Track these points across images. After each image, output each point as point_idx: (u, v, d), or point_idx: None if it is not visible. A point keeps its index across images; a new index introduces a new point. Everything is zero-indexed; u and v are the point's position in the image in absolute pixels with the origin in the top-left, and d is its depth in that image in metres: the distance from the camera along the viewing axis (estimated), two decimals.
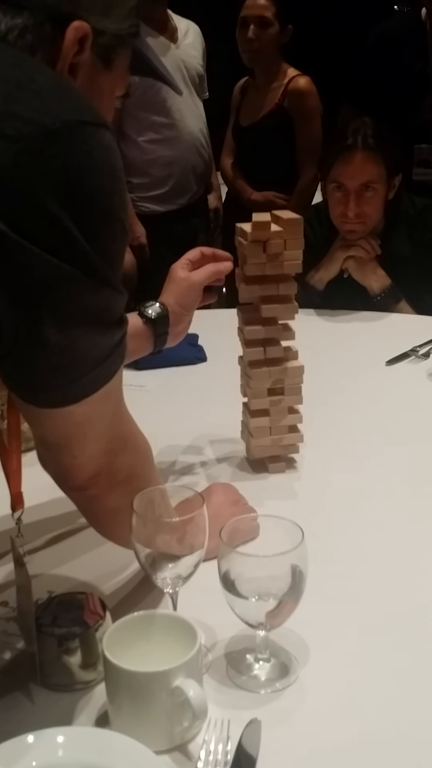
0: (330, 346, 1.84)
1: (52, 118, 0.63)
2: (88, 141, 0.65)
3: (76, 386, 0.72)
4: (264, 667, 0.86)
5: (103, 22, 0.78)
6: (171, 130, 2.84)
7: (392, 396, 1.58)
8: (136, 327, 1.15)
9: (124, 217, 0.70)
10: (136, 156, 2.83)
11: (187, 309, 1.21)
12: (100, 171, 0.66)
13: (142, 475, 0.86)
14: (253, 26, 2.76)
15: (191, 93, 2.90)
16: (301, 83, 2.85)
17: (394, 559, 1.06)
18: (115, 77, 0.83)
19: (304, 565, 0.81)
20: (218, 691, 0.84)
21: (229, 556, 0.81)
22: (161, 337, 1.19)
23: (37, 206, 0.63)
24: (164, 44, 2.81)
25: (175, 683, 0.73)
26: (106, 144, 0.67)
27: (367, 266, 2.03)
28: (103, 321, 0.71)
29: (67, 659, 0.83)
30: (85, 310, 0.68)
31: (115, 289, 0.71)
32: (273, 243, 1.17)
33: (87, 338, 0.70)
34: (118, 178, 0.68)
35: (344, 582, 1.01)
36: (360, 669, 0.87)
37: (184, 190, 2.94)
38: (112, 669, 0.75)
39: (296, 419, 1.28)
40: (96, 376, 0.73)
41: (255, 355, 1.24)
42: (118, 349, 0.74)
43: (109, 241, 0.68)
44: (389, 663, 0.87)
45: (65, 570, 1.05)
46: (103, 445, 0.79)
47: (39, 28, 0.73)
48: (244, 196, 2.97)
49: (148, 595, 0.97)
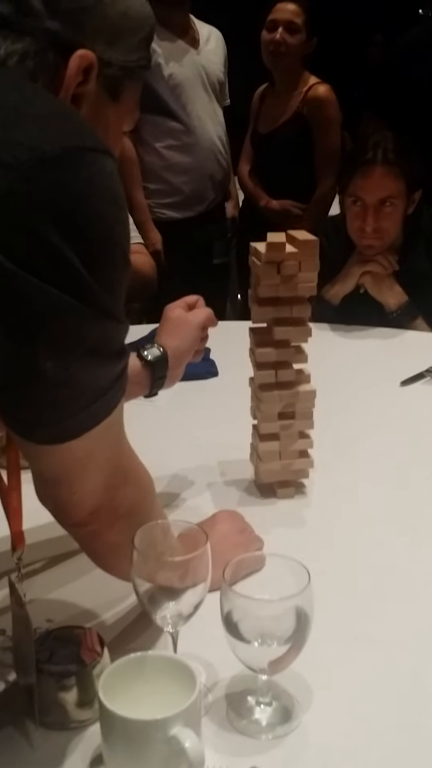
0: (343, 363, 1.81)
1: (51, 145, 0.61)
2: (89, 168, 0.63)
3: (75, 421, 0.69)
4: (265, 710, 0.83)
5: (110, 53, 0.76)
6: (189, 137, 2.80)
7: (406, 419, 1.54)
8: (134, 369, 1.12)
9: (125, 245, 0.67)
10: (154, 162, 2.81)
11: (184, 353, 1.20)
12: (101, 199, 0.64)
13: (143, 509, 0.84)
14: (282, 29, 2.76)
15: (211, 99, 2.87)
16: (321, 91, 2.84)
17: (405, 596, 1.02)
18: (122, 111, 0.81)
19: (309, 608, 0.79)
20: (217, 736, 0.81)
21: (232, 597, 0.78)
22: (159, 381, 1.17)
23: (35, 235, 0.60)
24: (184, 49, 2.78)
25: (171, 732, 0.70)
26: (108, 171, 0.65)
27: (383, 282, 1.99)
28: (103, 353, 0.69)
29: (63, 697, 0.81)
30: (85, 342, 0.66)
31: (116, 319, 0.68)
32: (287, 264, 1.14)
33: (87, 371, 0.67)
34: (119, 206, 0.66)
35: (351, 621, 0.97)
36: (365, 715, 0.83)
37: (202, 197, 2.91)
38: (108, 714, 0.72)
39: (307, 444, 1.25)
40: (96, 410, 0.70)
41: (266, 378, 1.21)
42: (119, 382, 0.72)
43: (111, 270, 0.66)
44: (396, 709, 0.84)
45: (63, 595, 1.03)
46: (104, 479, 0.76)
47: (41, 54, 0.71)
48: (261, 203, 2.95)
49: (148, 628, 0.94)
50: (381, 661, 0.91)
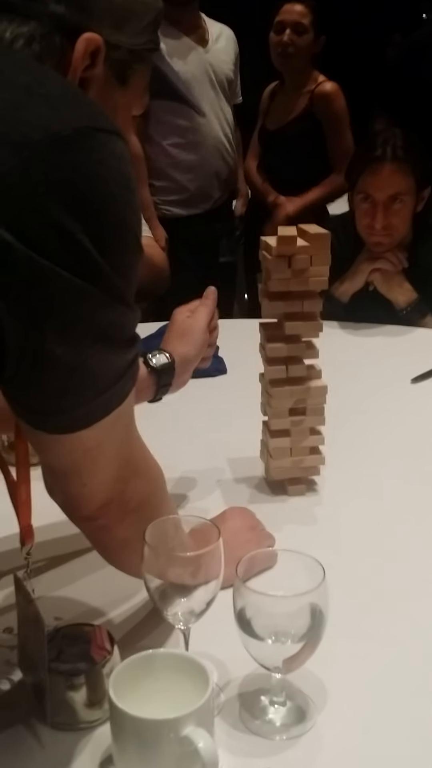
0: (353, 361, 1.79)
1: (63, 125, 0.60)
2: (100, 149, 0.61)
3: (86, 409, 0.67)
4: (279, 711, 0.81)
5: (117, 36, 0.74)
6: (195, 135, 2.83)
7: (417, 416, 1.52)
8: (140, 375, 1.11)
9: (137, 230, 0.66)
10: (160, 159, 2.83)
11: (191, 360, 1.17)
12: (112, 180, 0.62)
13: (154, 503, 0.82)
14: (289, 31, 2.76)
15: (218, 98, 2.88)
16: (327, 87, 2.84)
17: (420, 593, 1.00)
18: (131, 95, 0.80)
19: (324, 605, 0.77)
20: (230, 736, 0.79)
21: (245, 593, 0.76)
22: (164, 387, 1.15)
23: (46, 216, 0.59)
24: (191, 47, 2.79)
25: (184, 732, 0.69)
26: (120, 153, 0.63)
27: (393, 279, 1.97)
28: (115, 339, 0.67)
29: (72, 696, 0.79)
30: (98, 328, 0.64)
31: (128, 305, 0.66)
32: (299, 258, 1.12)
33: (99, 357, 0.66)
34: (131, 189, 0.64)
35: (365, 618, 0.95)
36: (381, 715, 0.81)
37: (207, 194, 2.93)
38: (118, 713, 0.70)
39: (318, 440, 1.23)
40: (108, 399, 0.69)
41: (277, 373, 1.19)
42: (130, 370, 0.70)
43: (123, 254, 0.64)
44: (411, 709, 0.82)
45: (72, 593, 1.01)
46: (114, 471, 0.75)
47: (47, 38, 0.70)
48: (269, 199, 2.93)
49: (159, 626, 0.92)
50: (396, 660, 0.89)
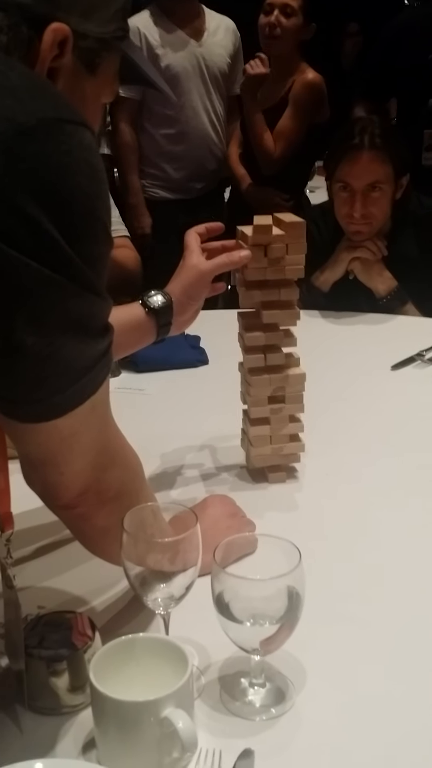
0: (333, 349, 1.81)
1: (27, 116, 0.60)
2: (67, 140, 0.62)
3: (60, 398, 0.68)
4: (259, 692, 0.83)
5: (85, 25, 0.74)
6: (181, 126, 2.90)
7: (397, 402, 1.54)
8: (139, 317, 1.13)
9: (106, 220, 0.66)
10: (150, 147, 2.94)
11: (193, 299, 1.17)
12: (80, 171, 0.62)
13: (132, 491, 0.83)
14: (277, 12, 2.73)
15: (209, 91, 2.93)
16: (310, 76, 2.79)
17: (397, 578, 1.02)
18: (100, 83, 0.80)
19: (301, 587, 0.78)
20: (210, 718, 0.80)
21: (222, 577, 0.77)
22: (164, 327, 1.16)
23: (13, 208, 0.59)
24: (184, 40, 2.85)
25: (164, 713, 0.70)
26: (87, 143, 0.64)
27: (373, 268, 1.99)
28: (87, 329, 0.68)
29: (54, 682, 0.80)
30: (68, 317, 0.65)
31: (99, 295, 0.67)
32: (274, 247, 1.13)
33: (71, 347, 0.66)
34: (99, 179, 0.65)
35: (344, 602, 0.97)
36: (358, 695, 0.83)
37: (191, 185, 3.00)
38: (99, 696, 0.72)
39: (298, 428, 1.24)
40: (81, 388, 0.69)
41: (255, 362, 1.20)
42: (104, 359, 0.71)
43: (92, 244, 0.65)
44: (389, 689, 0.84)
45: (55, 582, 1.02)
46: (91, 459, 0.76)
47: (14, 28, 0.70)
48: (242, 187, 2.93)
49: (140, 612, 0.94)
50: (373, 642, 0.90)
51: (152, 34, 2.83)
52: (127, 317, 1.11)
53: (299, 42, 2.79)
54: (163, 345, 1.78)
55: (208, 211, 3.02)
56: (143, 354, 1.72)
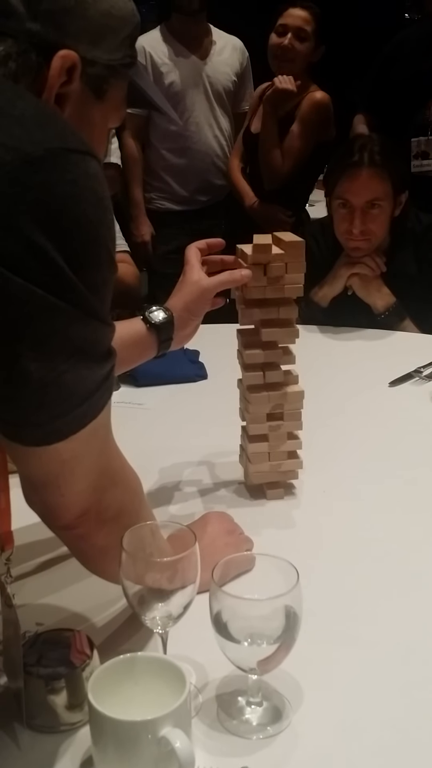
0: (332, 364, 1.82)
1: (34, 146, 0.61)
2: (73, 169, 0.63)
3: (62, 423, 0.69)
4: (256, 711, 0.83)
5: (93, 52, 0.76)
6: (186, 141, 3.00)
7: (395, 419, 1.55)
8: (140, 333, 1.14)
9: (111, 247, 0.68)
10: (155, 162, 3.04)
11: (194, 315, 1.18)
12: (85, 200, 0.64)
13: (132, 511, 0.84)
14: (291, 35, 2.74)
15: (212, 108, 3.02)
16: (318, 96, 2.81)
17: (396, 596, 1.02)
18: (107, 109, 0.81)
19: (298, 607, 0.79)
20: (208, 736, 0.81)
21: (220, 597, 0.78)
22: (165, 342, 1.17)
23: (19, 236, 0.60)
24: (189, 59, 2.95)
25: (161, 732, 0.70)
26: (93, 172, 0.65)
27: (371, 284, 2.00)
28: (91, 354, 0.69)
29: (53, 700, 0.81)
30: (72, 344, 0.66)
31: (102, 321, 0.68)
32: (274, 266, 1.14)
33: (73, 372, 0.67)
34: (104, 207, 0.66)
35: (341, 621, 0.98)
36: (355, 714, 0.83)
37: (194, 198, 3.09)
38: (97, 715, 0.72)
39: (296, 445, 1.25)
40: (83, 412, 0.70)
41: (254, 379, 1.21)
42: (106, 383, 0.72)
43: (96, 271, 0.66)
44: (386, 709, 0.84)
45: (54, 599, 1.02)
46: (91, 481, 0.76)
47: (23, 56, 0.71)
48: (245, 203, 2.95)
49: (138, 631, 0.94)
50: (371, 661, 0.91)
51: (157, 53, 2.93)
52: (128, 333, 1.12)
53: (308, 64, 2.82)
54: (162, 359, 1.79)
55: (213, 220, 3.08)
56: (142, 368, 1.73)
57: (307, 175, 2.92)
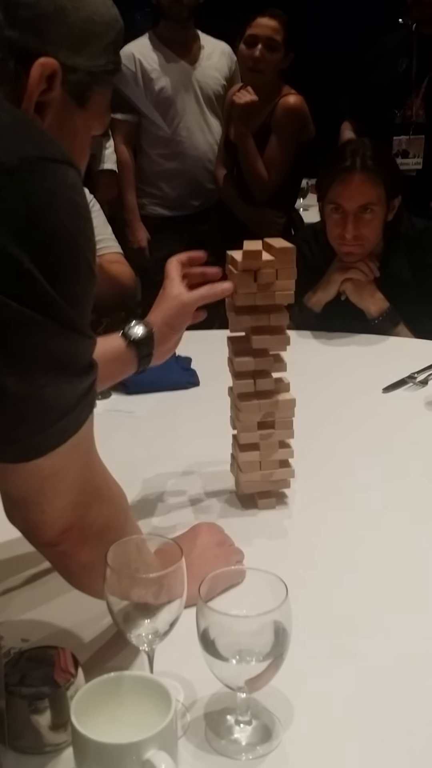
0: (325, 370, 1.80)
1: (9, 155, 0.59)
2: (50, 179, 0.61)
3: (41, 438, 0.67)
4: (245, 730, 0.81)
5: (74, 59, 0.74)
6: (177, 146, 3.00)
7: (388, 426, 1.53)
8: (119, 349, 1.12)
9: (90, 257, 0.66)
10: (147, 167, 3.04)
11: (175, 330, 1.16)
12: (62, 209, 0.62)
13: (116, 526, 0.82)
14: (261, 46, 2.69)
15: (203, 111, 3.02)
16: (291, 100, 2.79)
17: (389, 608, 1.00)
18: (90, 116, 0.79)
19: (288, 623, 0.77)
20: (195, 757, 0.79)
21: (207, 613, 0.76)
22: (145, 358, 1.15)
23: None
24: (179, 64, 2.95)
25: (146, 756, 0.68)
26: (70, 182, 0.63)
27: (365, 289, 1.98)
28: (70, 368, 0.67)
29: (36, 720, 0.78)
30: (50, 357, 0.64)
31: (82, 333, 0.66)
32: (264, 273, 1.13)
33: (52, 387, 0.65)
34: (83, 216, 0.64)
35: (333, 634, 0.95)
36: (348, 733, 0.81)
37: (187, 202, 3.09)
38: (80, 737, 0.70)
39: (287, 454, 1.23)
40: (63, 427, 0.68)
41: (245, 387, 1.19)
42: (87, 398, 0.70)
43: (74, 283, 0.64)
44: (380, 726, 0.82)
45: (39, 614, 1.00)
46: (74, 497, 0.74)
47: (1, 64, 0.70)
48: (235, 210, 2.93)
49: (125, 647, 0.92)
50: (364, 676, 0.89)
51: (147, 59, 2.95)
52: (108, 348, 1.09)
53: (279, 71, 2.79)
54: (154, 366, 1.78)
55: (207, 225, 3.06)
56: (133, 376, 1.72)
57: (293, 175, 2.91)
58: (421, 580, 1.06)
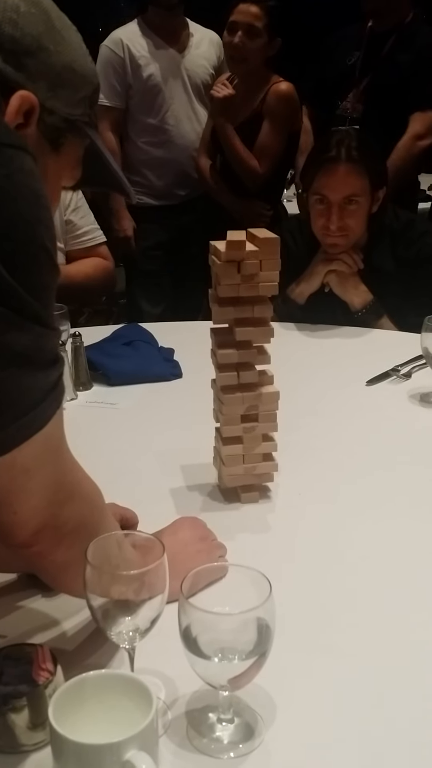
0: (308, 363, 1.79)
1: None
2: (7, 165, 0.60)
3: (2, 434, 0.65)
4: (227, 728, 0.80)
5: (52, 101, 0.75)
6: (165, 134, 2.97)
7: (372, 419, 1.52)
8: None
9: (51, 246, 0.64)
10: (134, 156, 3.01)
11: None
12: (21, 197, 0.61)
13: (91, 523, 0.79)
14: (241, 33, 2.66)
15: (191, 100, 2.99)
16: (282, 88, 2.76)
17: (373, 603, 0.99)
18: (62, 164, 0.80)
19: (271, 620, 0.75)
20: (176, 756, 0.77)
21: (189, 611, 0.75)
22: None
23: None
24: (167, 52, 2.91)
25: (126, 756, 0.67)
26: (28, 168, 0.62)
27: (348, 281, 1.97)
28: (33, 362, 0.65)
29: (13, 719, 0.77)
30: (10, 351, 0.63)
31: (45, 325, 0.65)
32: (248, 263, 1.11)
33: (14, 381, 0.64)
34: (41, 205, 0.63)
35: (316, 629, 0.94)
36: (331, 730, 0.80)
37: (173, 192, 3.05)
38: (58, 738, 0.68)
39: (271, 447, 1.22)
40: (27, 423, 0.66)
41: (228, 380, 1.18)
42: (53, 393, 0.68)
43: (36, 273, 0.63)
44: (363, 723, 0.81)
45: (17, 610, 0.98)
46: (46, 496, 0.72)
47: None
48: (222, 201, 2.91)
49: (104, 645, 0.90)
50: (348, 672, 0.88)
51: (135, 46, 2.91)
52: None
53: (265, 58, 2.74)
54: (136, 358, 1.77)
55: (193, 214, 3.04)
56: (116, 367, 1.70)
57: (281, 167, 2.88)
58: (406, 574, 1.05)
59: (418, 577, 1.04)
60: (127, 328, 1.92)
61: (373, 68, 2.70)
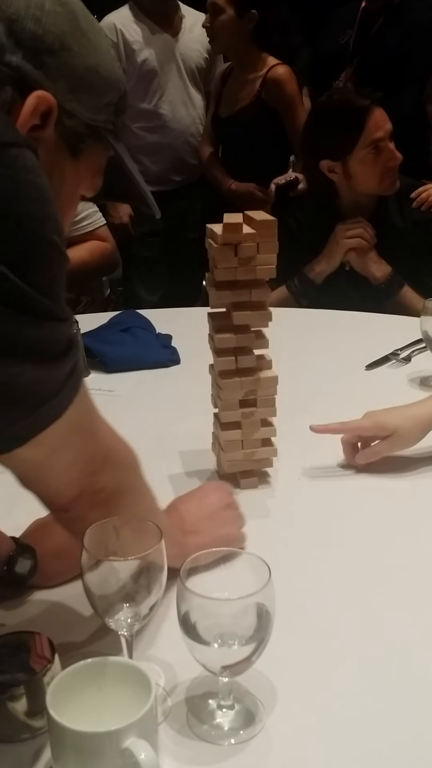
0: (306, 348, 1.77)
1: None
2: (11, 165, 0.59)
3: (21, 427, 0.65)
4: (227, 714, 0.79)
5: (73, 104, 0.72)
6: (159, 119, 2.95)
7: (372, 403, 1.49)
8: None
9: (58, 240, 0.63)
10: (128, 141, 2.90)
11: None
12: (27, 196, 0.59)
13: (127, 488, 0.82)
14: (208, 14, 2.69)
15: (186, 85, 2.97)
16: (279, 72, 2.75)
17: (370, 589, 0.99)
18: (81, 170, 0.77)
19: (271, 605, 0.75)
20: (176, 743, 0.77)
21: (188, 596, 0.74)
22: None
23: None
24: (161, 36, 2.90)
25: (125, 744, 0.66)
26: (32, 165, 0.60)
27: (367, 255, 1.98)
28: (46, 355, 0.64)
29: (11, 708, 0.76)
30: (23, 348, 0.62)
31: (57, 319, 0.64)
32: (245, 246, 1.09)
33: (28, 376, 0.63)
34: (46, 199, 0.61)
35: (317, 616, 0.94)
36: (332, 715, 0.80)
37: (171, 177, 3.04)
38: (56, 726, 0.67)
39: (270, 432, 1.21)
40: (44, 415, 0.66)
41: (226, 364, 1.16)
42: (70, 381, 0.68)
43: (45, 271, 0.62)
44: (364, 707, 0.80)
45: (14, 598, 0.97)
46: (79, 468, 0.75)
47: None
48: (223, 187, 2.90)
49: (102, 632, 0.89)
50: (348, 657, 0.87)
51: (129, 31, 2.89)
52: None
53: (246, 34, 2.70)
54: (134, 344, 1.75)
55: (189, 200, 3.03)
56: (113, 354, 1.69)
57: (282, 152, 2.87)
58: (405, 559, 1.04)
59: (419, 560, 1.04)
60: (125, 315, 1.90)
61: (364, 47, 2.69)
